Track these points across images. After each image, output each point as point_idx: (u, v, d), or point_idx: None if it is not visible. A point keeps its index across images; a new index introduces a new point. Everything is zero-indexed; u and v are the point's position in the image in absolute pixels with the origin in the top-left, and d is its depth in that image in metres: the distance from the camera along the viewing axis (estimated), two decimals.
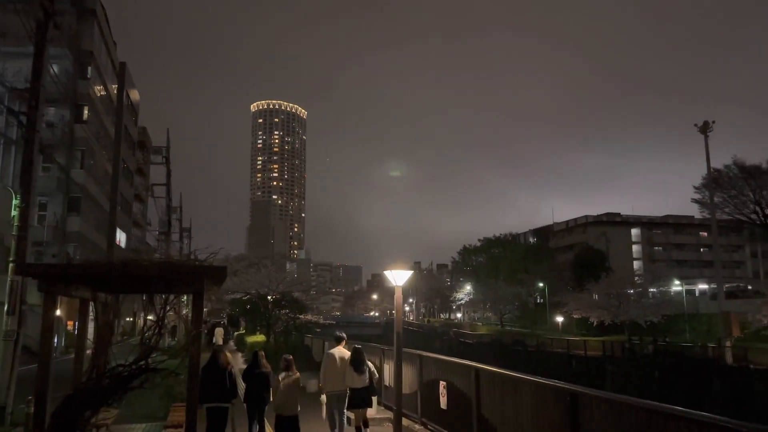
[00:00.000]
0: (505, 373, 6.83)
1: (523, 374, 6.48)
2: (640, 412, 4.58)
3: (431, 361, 9.16)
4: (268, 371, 9.32)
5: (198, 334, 6.90)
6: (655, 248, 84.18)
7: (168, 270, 6.73)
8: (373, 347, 12.63)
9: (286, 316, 24.42)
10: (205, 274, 6.95)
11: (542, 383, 6.03)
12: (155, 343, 6.75)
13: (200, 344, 7.01)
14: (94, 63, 39.95)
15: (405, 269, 9.52)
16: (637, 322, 43.24)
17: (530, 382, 6.22)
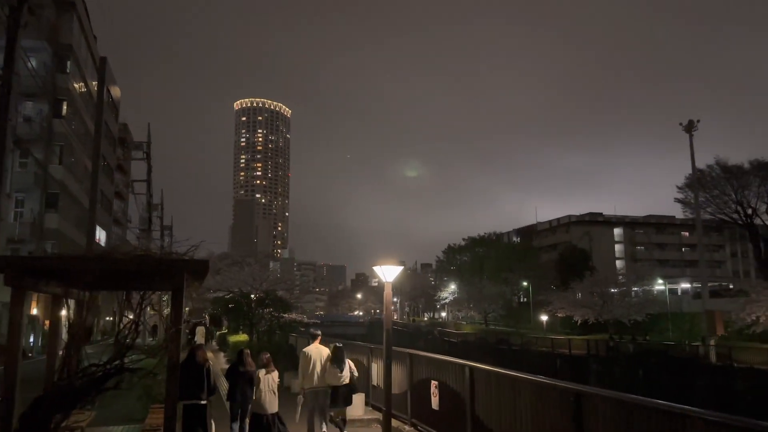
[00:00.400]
0: (502, 372, 6.52)
1: (522, 373, 6.17)
2: (653, 414, 4.29)
3: (422, 360, 8.83)
4: (252, 370, 9.14)
5: (177, 332, 6.51)
6: (637, 248, 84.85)
7: (146, 264, 6.33)
8: (360, 346, 12.29)
9: (269, 315, 23.95)
10: (185, 268, 6.56)
11: (543, 382, 5.73)
12: (131, 342, 6.35)
13: (180, 343, 6.62)
14: (73, 57, 39.07)
15: (395, 265, 9.20)
16: (621, 321, 43.38)
17: (530, 381, 5.92)
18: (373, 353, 11.15)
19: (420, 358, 8.93)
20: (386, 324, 9.09)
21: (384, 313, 9.20)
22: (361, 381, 11.69)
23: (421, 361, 8.86)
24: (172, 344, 6.42)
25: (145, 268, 6.25)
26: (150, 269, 6.30)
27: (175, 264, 6.43)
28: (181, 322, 6.61)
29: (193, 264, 6.65)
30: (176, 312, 6.65)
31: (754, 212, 51.67)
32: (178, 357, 6.61)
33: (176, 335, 6.50)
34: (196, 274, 6.96)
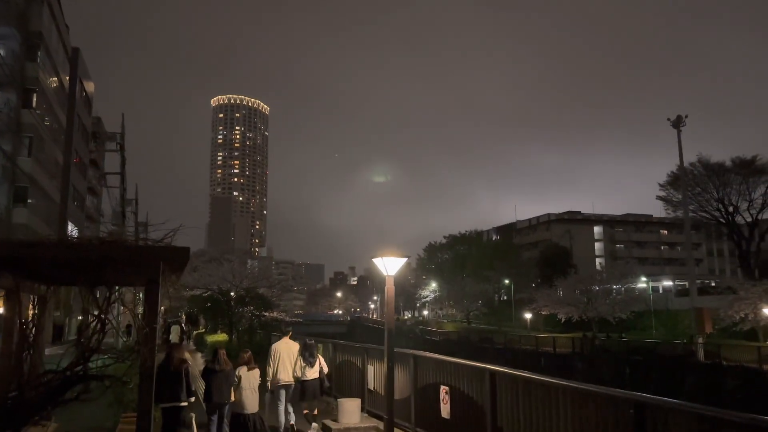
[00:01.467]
0: (533, 378, 5.64)
1: (558, 379, 5.29)
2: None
3: (429, 363, 7.92)
4: (228, 369, 8.83)
5: (152, 331, 5.52)
6: (617, 246, 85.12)
7: (113, 252, 5.32)
8: (354, 347, 11.34)
9: (250, 313, 22.89)
10: (160, 257, 5.57)
11: (589, 390, 4.86)
12: (96, 344, 5.34)
13: (155, 344, 5.63)
14: (43, 45, 37.39)
15: (397, 256, 8.29)
16: (606, 319, 43.06)
17: (572, 389, 5.04)
18: (369, 354, 10.21)
19: (426, 360, 8.02)
20: (388, 323, 8.18)
21: (385, 309, 8.29)
22: (356, 385, 10.76)
23: (427, 364, 7.95)
24: (145, 346, 5.43)
25: (112, 257, 5.25)
26: (119, 258, 5.29)
27: (148, 252, 5.43)
28: (156, 320, 5.62)
29: (171, 252, 5.66)
30: (151, 309, 5.65)
31: (736, 210, 51.82)
32: (153, 361, 5.62)
33: (150, 336, 5.51)
34: (173, 265, 5.96)
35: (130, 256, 5.41)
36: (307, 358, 9.56)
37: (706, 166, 51.52)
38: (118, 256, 5.37)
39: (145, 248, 5.57)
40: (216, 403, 8.66)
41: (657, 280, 58.46)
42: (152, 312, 5.69)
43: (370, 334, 78.70)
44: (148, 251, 5.53)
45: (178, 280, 8.25)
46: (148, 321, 5.68)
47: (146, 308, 5.73)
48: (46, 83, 38.28)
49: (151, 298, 5.76)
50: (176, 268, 6.27)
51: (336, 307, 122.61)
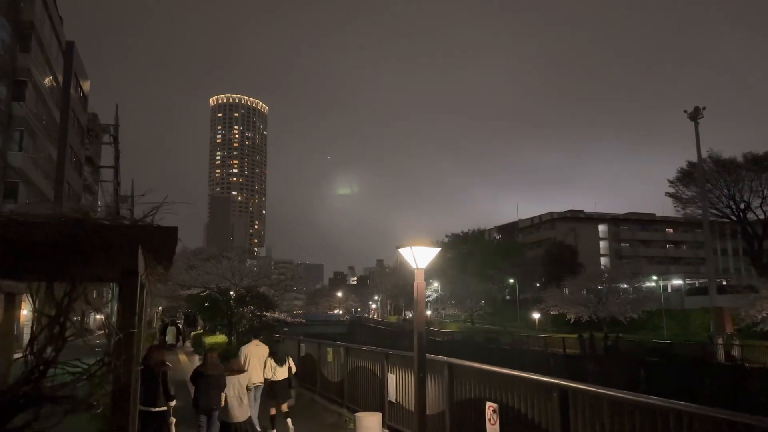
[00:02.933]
0: (625, 398, 4.32)
1: (667, 401, 3.98)
2: None
3: (470, 373, 6.60)
4: (219, 373, 8.26)
5: (129, 338, 4.22)
6: (622, 244, 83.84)
7: (75, 233, 4.02)
8: (372, 351, 10.01)
9: (250, 313, 21.53)
10: (138, 238, 4.26)
11: (716, 417, 3.54)
12: (52, 355, 4.02)
13: (133, 355, 4.33)
14: (36, 36, 36.01)
15: (428, 245, 6.98)
16: (617, 319, 41.74)
17: (690, 413, 3.73)
18: (390, 360, 8.90)
19: (466, 370, 6.70)
20: (417, 326, 6.88)
21: (415, 309, 6.99)
22: (374, 395, 9.45)
23: (467, 374, 6.63)
24: (118, 358, 4.13)
25: (72, 240, 3.95)
26: (80, 241, 3.99)
27: (120, 232, 4.12)
28: (134, 323, 4.30)
29: (151, 233, 4.35)
30: (126, 308, 4.33)
31: (748, 207, 50.53)
32: (131, 377, 4.31)
33: (127, 344, 4.20)
34: (157, 251, 4.65)
35: (95, 237, 4.09)
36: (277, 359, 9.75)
37: (717, 162, 50.19)
38: (79, 238, 4.06)
39: (116, 227, 4.25)
40: (203, 409, 8.16)
41: (666, 279, 57.16)
42: (128, 312, 4.36)
43: (371, 334, 77.44)
44: (120, 231, 4.19)
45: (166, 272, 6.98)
46: (123, 324, 4.37)
47: (120, 307, 4.43)
48: (39, 76, 36.90)
49: (126, 293, 4.43)
50: (161, 255, 4.95)
51: (336, 307, 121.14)
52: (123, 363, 4.18)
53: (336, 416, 10.87)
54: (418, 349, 6.80)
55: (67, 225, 4.08)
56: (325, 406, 11.78)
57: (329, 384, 12.24)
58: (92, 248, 4.12)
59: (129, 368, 4.24)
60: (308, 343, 14.84)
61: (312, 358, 13.98)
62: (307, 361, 14.53)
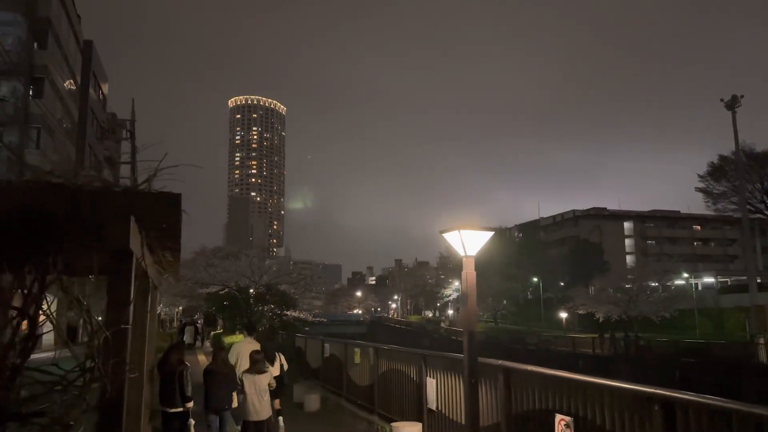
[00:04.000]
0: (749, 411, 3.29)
1: None
2: None
3: (532, 379, 5.57)
4: (230, 371, 8.23)
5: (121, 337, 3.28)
6: (648, 242, 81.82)
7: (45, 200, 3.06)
8: (407, 352, 9.00)
9: (270, 312, 20.67)
10: (130, 207, 3.30)
11: None
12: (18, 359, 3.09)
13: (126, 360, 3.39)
14: (52, 33, 35.58)
15: (478, 229, 5.96)
16: (648, 318, 40.21)
17: None
18: (428, 362, 7.89)
19: (527, 375, 5.66)
20: (468, 324, 5.87)
21: (465, 305, 5.98)
22: (410, 402, 8.45)
23: (528, 381, 5.60)
24: (105, 362, 3.18)
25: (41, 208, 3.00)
26: (54, 210, 3.03)
27: (107, 200, 3.17)
28: (127, 318, 3.35)
29: (148, 200, 3.38)
30: (116, 300, 3.38)
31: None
32: (123, 389, 3.36)
33: (117, 346, 3.25)
34: (157, 224, 3.67)
35: (71, 205, 3.12)
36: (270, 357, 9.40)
37: (750, 155, 48.35)
38: (52, 206, 3.10)
39: (97, 192, 3.26)
40: (213, 408, 7.97)
41: (698, 277, 55.32)
42: (119, 303, 3.39)
43: (392, 334, 76.45)
44: (105, 198, 3.24)
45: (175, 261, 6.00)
46: (112, 318, 3.42)
47: (109, 297, 3.49)
48: (56, 73, 36.50)
49: (117, 278, 3.50)
50: (164, 232, 3.96)
51: (355, 306, 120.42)
52: (111, 369, 3.25)
53: (366, 424, 9.91)
54: (469, 351, 5.79)
55: (33, 190, 3.16)
56: (353, 412, 10.82)
57: (357, 388, 11.27)
58: (68, 220, 3.19)
59: (119, 376, 3.30)
60: (333, 343, 13.88)
61: (337, 360, 13.02)
62: (331, 362, 13.58)
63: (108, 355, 3.25)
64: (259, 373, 7.98)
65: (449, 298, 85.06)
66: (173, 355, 8.00)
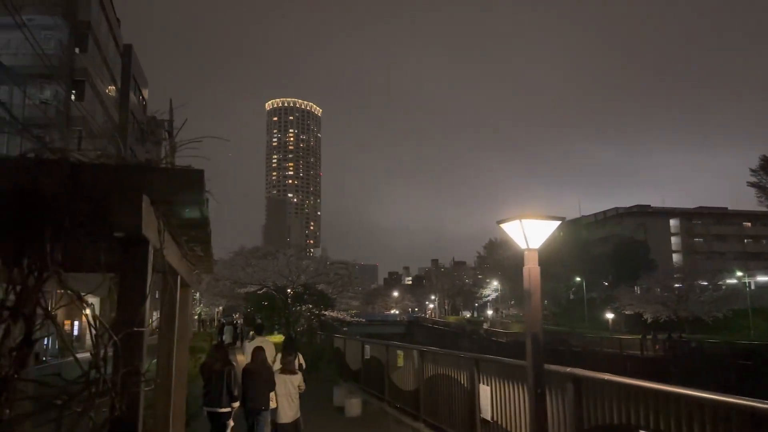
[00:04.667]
0: None
1: None
2: None
3: (608, 388, 4.85)
4: (268, 371, 7.91)
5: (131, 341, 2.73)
6: (695, 240, 78.90)
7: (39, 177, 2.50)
8: (454, 356, 8.32)
9: (309, 312, 20.24)
10: (144, 187, 2.73)
11: None
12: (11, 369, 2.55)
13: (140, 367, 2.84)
14: (92, 36, 36.02)
15: (543, 219, 5.28)
16: (699, 318, 38.41)
17: None
18: (481, 368, 7.21)
19: (602, 385, 4.94)
20: (532, 324, 5.19)
21: (527, 304, 5.29)
22: (460, 411, 7.78)
23: (605, 391, 4.88)
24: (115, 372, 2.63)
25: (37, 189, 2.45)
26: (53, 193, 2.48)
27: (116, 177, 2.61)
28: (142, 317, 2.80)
29: (166, 177, 2.82)
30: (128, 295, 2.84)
31: None
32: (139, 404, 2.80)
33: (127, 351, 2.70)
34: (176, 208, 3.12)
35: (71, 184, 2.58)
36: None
37: None
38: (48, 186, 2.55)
39: (105, 168, 2.72)
40: (250, 409, 7.80)
41: (751, 276, 52.86)
42: (130, 304, 2.84)
43: (430, 334, 75.63)
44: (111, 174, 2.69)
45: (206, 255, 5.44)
46: (123, 319, 2.88)
47: (119, 296, 2.95)
48: (97, 76, 36.95)
49: (128, 274, 2.96)
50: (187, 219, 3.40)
51: (392, 306, 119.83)
52: (121, 380, 2.70)
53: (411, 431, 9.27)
54: (534, 357, 5.10)
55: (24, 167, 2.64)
56: (396, 417, 10.20)
57: (400, 392, 10.65)
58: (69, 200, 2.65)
59: (132, 388, 2.75)
60: (373, 345, 13.28)
61: (378, 362, 12.42)
62: (372, 364, 13.00)
63: (118, 364, 2.71)
64: (291, 373, 7.90)
65: (488, 298, 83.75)
66: (218, 355, 7.90)
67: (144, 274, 2.85)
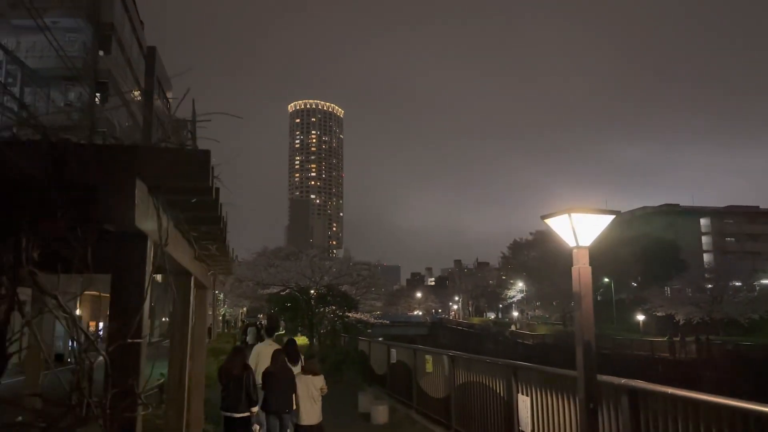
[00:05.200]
0: None
1: None
2: None
3: (676, 404, 4.28)
4: (290, 373, 7.74)
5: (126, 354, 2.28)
6: (726, 239, 76.83)
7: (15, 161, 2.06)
8: (495, 364, 7.76)
9: (332, 313, 19.81)
10: (137, 167, 2.28)
11: None
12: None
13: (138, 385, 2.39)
14: (115, 37, 36.16)
15: (595, 212, 4.73)
16: (734, 320, 37.12)
17: None
18: (520, 376, 6.67)
19: (667, 400, 4.38)
20: (583, 330, 4.65)
21: (580, 309, 4.75)
22: (495, 423, 7.25)
23: (668, 407, 4.32)
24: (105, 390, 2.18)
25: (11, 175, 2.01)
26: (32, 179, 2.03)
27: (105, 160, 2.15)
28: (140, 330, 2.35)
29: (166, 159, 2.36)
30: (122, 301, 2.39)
31: None
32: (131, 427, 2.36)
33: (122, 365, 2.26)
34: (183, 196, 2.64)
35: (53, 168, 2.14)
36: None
37: None
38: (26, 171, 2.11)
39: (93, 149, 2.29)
40: (274, 411, 7.64)
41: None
42: (125, 310, 2.41)
43: (454, 336, 74.85)
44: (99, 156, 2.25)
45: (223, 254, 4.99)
46: (117, 329, 2.45)
47: (112, 298, 2.51)
48: (120, 78, 37.08)
49: (123, 272, 2.51)
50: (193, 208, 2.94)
51: (415, 307, 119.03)
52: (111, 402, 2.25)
53: None
54: (586, 368, 4.57)
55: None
56: (426, 427, 9.69)
57: (429, 399, 10.14)
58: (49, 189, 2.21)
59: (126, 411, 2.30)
60: (400, 348, 12.78)
61: (405, 367, 11.92)
62: (399, 369, 12.50)
63: (108, 381, 2.26)
64: (313, 374, 7.69)
65: (513, 299, 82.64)
66: (237, 359, 7.60)
67: (141, 274, 2.40)
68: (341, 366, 16.26)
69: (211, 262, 5.11)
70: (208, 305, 8.22)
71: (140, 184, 2.24)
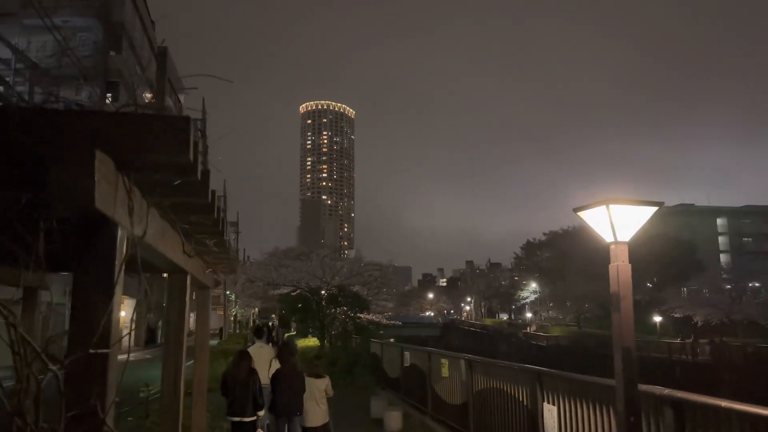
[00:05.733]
0: None
1: None
2: None
3: (728, 418, 3.79)
4: (299, 376, 7.66)
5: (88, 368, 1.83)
6: (743, 239, 75.59)
7: None
8: (517, 370, 7.27)
9: (343, 314, 19.37)
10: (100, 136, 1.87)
11: None
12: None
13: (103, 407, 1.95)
14: (126, 37, 36.03)
15: (636, 204, 4.26)
16: (756, 321, 36.28)
17: None
18: (545, 384, 6.18)
19: (719, 413, 3.89)
20: (622, 335, 4.18)
21: (615, 309, 4.28)
22: (520, 430, 6.76)
23: (720, 421, 3.83)
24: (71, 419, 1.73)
25: None
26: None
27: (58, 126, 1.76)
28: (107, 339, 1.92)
29: (133, 126, 1.94)
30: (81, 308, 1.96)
31: None
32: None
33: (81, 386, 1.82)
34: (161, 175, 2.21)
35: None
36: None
37: None
38: None
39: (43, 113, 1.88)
40: (283, 414, 7.51)
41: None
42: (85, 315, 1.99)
43: (466, 337, 74.24)
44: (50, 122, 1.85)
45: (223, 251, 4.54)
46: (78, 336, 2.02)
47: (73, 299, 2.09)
48: (130, 77, 36.93)
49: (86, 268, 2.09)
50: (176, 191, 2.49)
51: (427, 308, 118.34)
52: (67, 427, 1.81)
53: None
54: (626, 377, 4.09)
55: None
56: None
57: (445, 405, 9.67)
58: None
59: None
60: (414, 351, 12.31)
61: (419, 371, 11.46)
62: (412, 373, 12.03)
63: (62, 404, 1.82)
64: (317, 377, 7.71)
65: (526, 300, 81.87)
66: (243, 363, 7.44)
67: (107, 269, 1.95)
68: (353, 369, 15.83)
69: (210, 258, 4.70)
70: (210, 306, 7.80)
71: (103, 156, 1.80)
